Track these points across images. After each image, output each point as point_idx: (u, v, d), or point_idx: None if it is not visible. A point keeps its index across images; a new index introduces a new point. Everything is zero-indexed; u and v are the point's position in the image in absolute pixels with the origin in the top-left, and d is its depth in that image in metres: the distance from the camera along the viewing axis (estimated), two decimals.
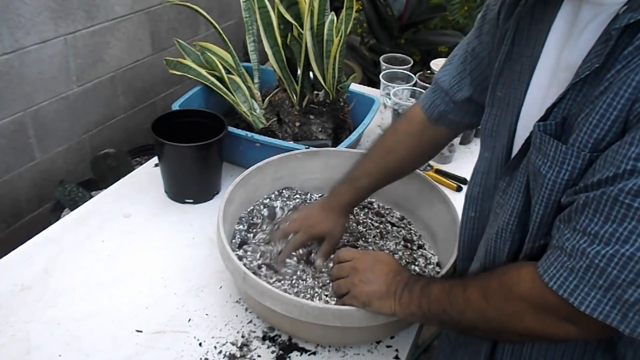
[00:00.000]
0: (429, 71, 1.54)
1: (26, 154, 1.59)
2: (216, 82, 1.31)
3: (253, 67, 1.36)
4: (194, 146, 1.13)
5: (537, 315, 0.62)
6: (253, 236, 1.02)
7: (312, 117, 1.31)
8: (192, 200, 1.20)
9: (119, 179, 1.27)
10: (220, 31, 1.32)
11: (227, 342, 0.89)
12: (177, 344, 0.88)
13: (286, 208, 1.09)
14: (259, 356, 0.87)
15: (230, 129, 1.21)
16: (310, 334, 0.89)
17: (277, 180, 1.13)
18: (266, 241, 1.00)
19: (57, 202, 1.59)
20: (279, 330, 0.91)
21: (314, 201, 1.13)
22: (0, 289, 0.96)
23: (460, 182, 1.30)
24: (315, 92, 1.32)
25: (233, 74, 1.34)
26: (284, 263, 0.95)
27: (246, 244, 1.00)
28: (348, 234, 1.06)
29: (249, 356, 0.87)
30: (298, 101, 1.30)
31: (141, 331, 0.90)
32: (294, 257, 0.96)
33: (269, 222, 1.05)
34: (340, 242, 1.01)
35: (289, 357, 0.88)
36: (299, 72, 1.28)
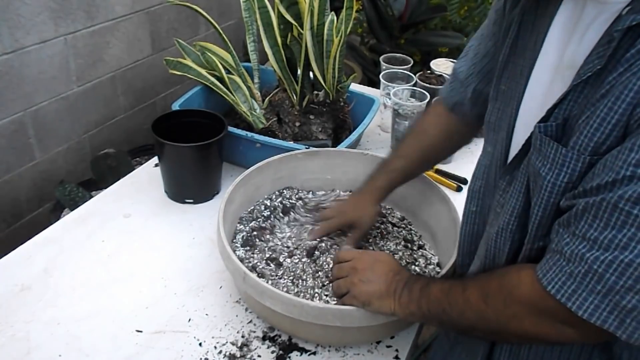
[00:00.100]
0: (429, 71, 1.54)
1: (26, 154, 1.59)
2: (216, 82, 1.31)
3: (253, 67, 1.36)
4: (194, 146, 1.13)
5: (535, 318, 0.62)
6: (264, 233, 1.03)
7: (312, 117, 1.31)
8: (192, 200, 1.20)
9: (119, 179, 1.27)
10: (220, 31, 1.32)
11: (227, 342, 0.89)
12: (177, 344, 0.88)
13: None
14: (259, 356, 0.87)
15: (230, 129, 1.21)
16: (310, 334, 0.89)
17: (277, 180, 1.13)
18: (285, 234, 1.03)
19: (57, 202, 1.59)
20: (279, 330, 0.91)
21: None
22: (0, 289, 0.96)
23: (460, 182, 1.30)
24: (315, 92, 1.32)
25: (233, 74, 1.34)
26: (313, 245, 0.99)
27: (251, 242, 1.00)
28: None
29: (249, 356, 0.87)
30: (298, 101, 1.30)
31: (141, 331, 0.90)
32: (298, 252, 0.98)
33: (281, 218, 1.07)
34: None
35: (289, 357, 0.88)
36: (299, 72, 1.28)
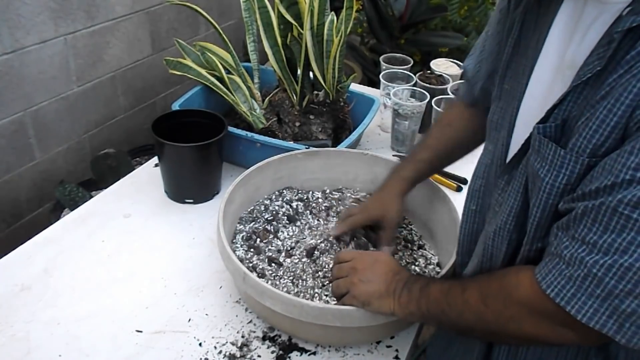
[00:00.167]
0: (429, 71, 1.54)
1: (26, 154, 1.59)
2: (216, 82, 1.31)
3: (253, 67, 1.36)
4: (194, 146, 1.13)
5: (534, 320, 0.62)
6: (266, 235, 1.03)
7: (312, 117, 1.31)
8: (192, 200, 1.20)
9: (119, 179, 1.27)
10: (220, 31, 1.32)
11: (227, 342, 0.89)
12: (177, 344, 0.88)
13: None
14: (259, 356, 0.87)
15: (230, 129, 1.21)
16: (310, 334, 0.89)
17: (278, 180, 1.13)
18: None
19: (57, 202, 1.59)
20: (279, 330, 0.91)
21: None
22: (0, 289, 0.96)
23: (460, 182, 1.30)
24: (315, 92, 1.32)
25: (233, 74, 1.34)
26: (338, 241, 0.99)
27: (252, 242, 1.00)
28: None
29: (249, 356, 0.87)
30: (298, 101, 1.30)
31: (141, 331, 0.90)
32: (298, 252, 0.98)
33: (287, 224, 1.06)
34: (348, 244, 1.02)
35: (289, 357, 0.88)
36: (299, 72, 1.27)
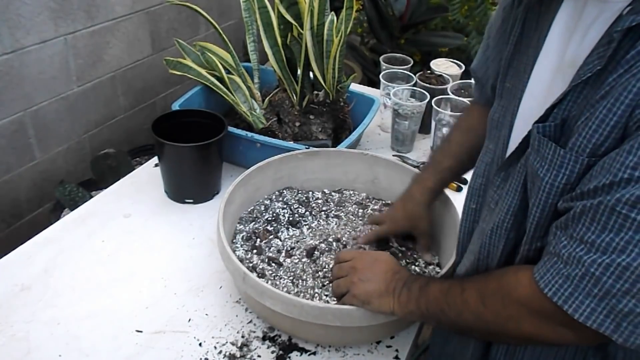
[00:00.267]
0: (429, 71, 1.54)
1: (26, 154, 1.59)
2: (216, 82, 1.31)
3: (253, 67, 1.36)
4: (194, 146, 1.13)
5: (533, 320, 0.62)
6: (267, 236, 1.02)
7: (312, 117, 1.31)
8: (192, 200, 1.20)
9: (119, 179, 1.27)
10: (220, 31, 1.32)
11: (227, 342, 0.89)
12: (177, 344, 0.88)
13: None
14: (259, 356, 0.87)
15: (230, 129, 1.21)
16: (310, 334, 0.89)
17: (278, 180, 1.13)
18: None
19: (57, 202, 1.59)
20: (279, 330, 0.91)
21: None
22: (0, 289, 0.96)
23: (460, 182, 1.30)
24: (315, 92, 1.32)
25: (233, 74, 1.34)
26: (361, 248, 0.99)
27: (252, 242, 1.00)
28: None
29: (249, 356, 0.87)
30: (298, 101, 1.30)
31: (141, 331, 0.90)
32: (298, 252, 0.98)
33: (289, 227, 1.05)
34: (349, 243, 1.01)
35: (289, 357, 0.88)
36: (299, 72, 1.28)
